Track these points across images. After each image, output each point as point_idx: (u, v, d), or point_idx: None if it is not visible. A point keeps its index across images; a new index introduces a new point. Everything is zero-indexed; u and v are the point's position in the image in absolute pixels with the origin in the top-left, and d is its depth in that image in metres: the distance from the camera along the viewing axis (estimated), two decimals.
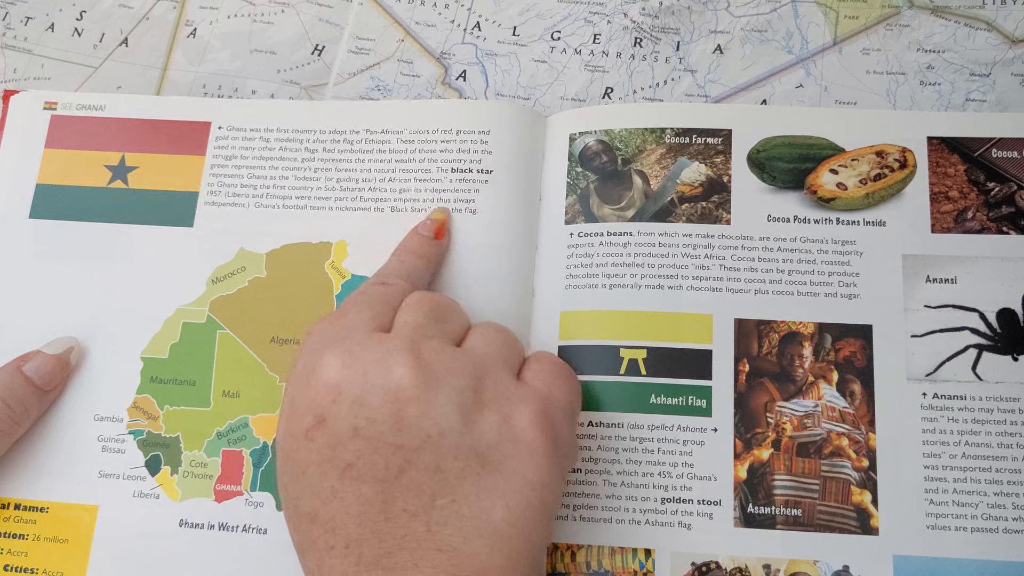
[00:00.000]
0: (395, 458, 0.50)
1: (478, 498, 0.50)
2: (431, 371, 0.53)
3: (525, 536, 0.51)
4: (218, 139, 0.70)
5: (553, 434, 0.54)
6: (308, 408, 0.52)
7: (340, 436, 0.51)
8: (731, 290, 0.64)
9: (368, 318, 0.56)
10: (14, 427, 0.61)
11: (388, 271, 0.62)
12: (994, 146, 0.66)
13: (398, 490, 0.50)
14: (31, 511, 0.62)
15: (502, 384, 0.54)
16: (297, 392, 0.54)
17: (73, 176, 0.69)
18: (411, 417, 0.51)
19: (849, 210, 0.65)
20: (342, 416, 0.51)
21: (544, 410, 0.54)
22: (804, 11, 0.74)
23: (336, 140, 0.69)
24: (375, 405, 0.51)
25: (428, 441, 0.51)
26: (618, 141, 0.68)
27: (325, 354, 0.53)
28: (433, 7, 0.77)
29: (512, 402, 0.54)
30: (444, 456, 0.51)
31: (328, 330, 0.56)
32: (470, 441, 0.51)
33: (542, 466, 0.52)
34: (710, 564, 0.60)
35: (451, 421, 0.51)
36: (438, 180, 0.67)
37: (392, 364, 0.52)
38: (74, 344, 0.65)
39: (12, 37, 0.78)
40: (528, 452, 0.52)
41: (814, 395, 0.62)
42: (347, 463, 0.50)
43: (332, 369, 0.53)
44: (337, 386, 0.52)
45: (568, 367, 0.59)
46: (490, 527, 0.50)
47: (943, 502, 0.59)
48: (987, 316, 0.62)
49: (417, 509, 0.50)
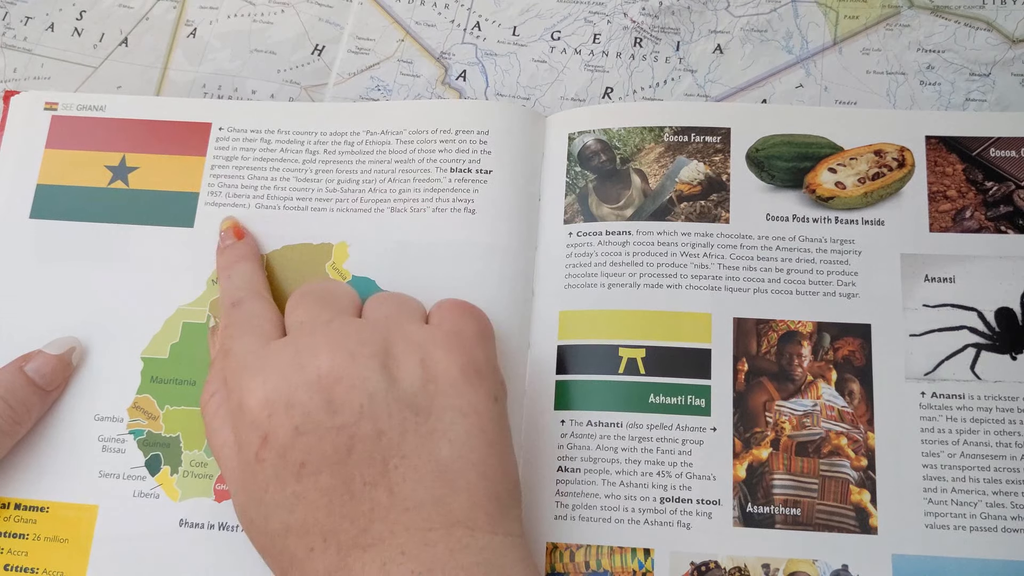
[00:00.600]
0: (340, 438, 0.52)
1: (423, 445, 0.52)
2: (342, 347, 0.54)
3: (477, 468, 0.53)
4: (219, 140, 0.70)
5: (469, 362, 0.55)
6: (249, 434, 0.53)
7: (285, 442, 0.52)
8: (730, 289, 0.64)
9: (252, 339, 0.57)
10: (16, 427, 0.61)
11: (228, 293, 0.63)
12: (992, 145, 0.66)
13: (353, 467, 0.51)
14: (31, 511, 0.62)
15: (409, 334, 0.56)
16: (235, 427, 0.55)
17: (74, 176, 0.69)
18: (340, 395, 0.52)
19: (848, 209, 0.65)
20: (280, 424, 0.52)
21: (455, 344, 0.56)
22: (804, 11, 0.74)
23: (336, 141, 0.69)
24: (305, 399, 0.52)
25: (362, 410, 0.52)
26: (617, 140, 0.68)
27: (242, 382, 0.54)
28: (433, 7, 0.77)
29: (424, 346, 0.55)
30: (381, 418, 0.52)
31: (227, 368, 0.57)
32: (398, 395, 0.53)
33: (467, 393, 0.54)
34: (709, 564, 0.60)
35: (376, 383, 0.53)
36: (437, 180, 0.67)
37: (304, 358, 0.54)
38: (75, 344, 0.65)
39: (12, 37, 0.78)
40: (450, 384, 0.54)
41: (813, 394, 0.62)
42: (299, 463, 0.52)
43: (254, 391, 0.53)
44: (266, 401, 0.53)
45: (470, 304, 0.61)
46: (442, 467, 0.52)
47: (942, 501, 0.59)
48: (985, 315, 0.62)
49: (375, 477, 0.51)
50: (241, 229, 0.66)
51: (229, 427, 0.56)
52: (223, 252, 0.66)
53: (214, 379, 0.59)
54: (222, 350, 0.58)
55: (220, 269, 0.65)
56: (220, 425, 0.57)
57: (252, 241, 0.66)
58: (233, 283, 0.63)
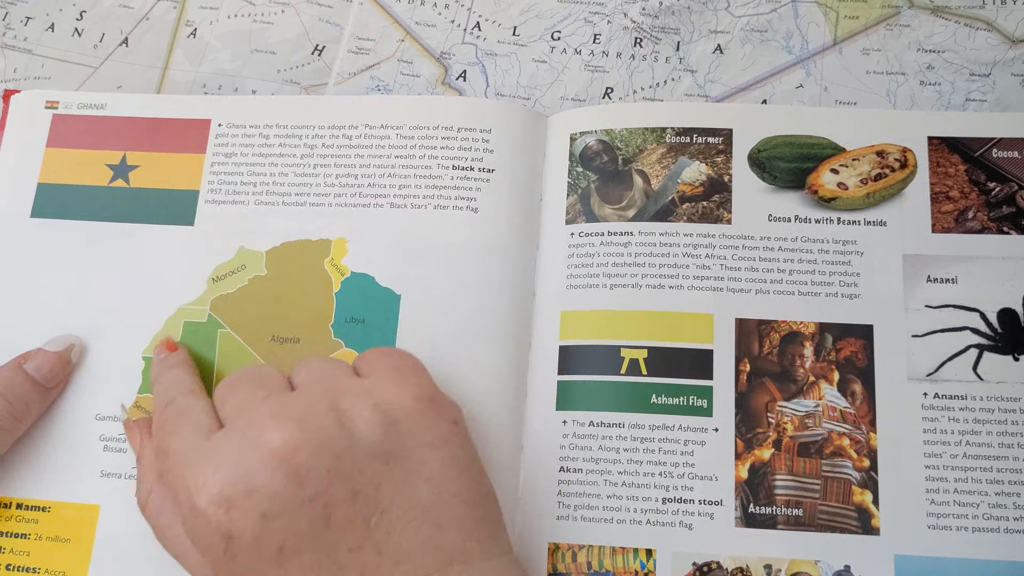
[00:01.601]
0: (314, 510, 0.50)
1: (401, 493, 0.51)
2: (289, 418, 0.52)
3: (459, 497, 0.52)
4: (218, 136, 0.70)
5: (421, 391, 0.55)
6: (209, 535, 0.50)
7: (254, 533, 0.49)
8: (732, 290, 0.64)
9: (191, 433, 0.55)
10: (16, 424, 0.61)
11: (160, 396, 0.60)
12: (994, 146, 0.66)
13: (334, 536, 0.50)
14: (33, 511, 0.62)
15: (351, 386, 0.55)
16: (189, 531, 0.52)
17: (74, 175, 0.69)
18: (303, 463, 0.50)
19: (850, 210, 0.65)
20: (244, 516, 0.49)
21: (399, 378, 0.55)
22: (804, 11, 0.74)
23: (335, 136, 0.69)
24: (266, 480, 0.50)
25: (331, 473, 0.50)
26: (619, 141, 0.68)
27: (188, 482, 0.51)
28: (433, 7, 0.77)
29: (370, 392, 0.54)
30: (352, 476, 0.50)
31: (166, 467, 0.54)
32: (364, 448, 0.51)
33: (431, 425, 0.53)
34: (711, 564, 0.60)
35: (337, 442, 0.51)
36: (439, 177, 0.67)
37: (251, 439, 0.51)
38: (75, 342, 0.65)
39: (12, 37, 0.78)
40: (412, 421, 0.53)
41: (815, 395, 0.62)
42: (276, 548, 0.49)
43: (205, 487, 0.51)
44: (221, 495, 0.50)
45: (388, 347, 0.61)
46: (424, 509, 0.51)
47: (944, 502, 0.59)
48: (988, 316, 0.62)
49: (360, 541, 0.50)
50: (173, 343, 0.64)
51: (179, 524, 0.53)
52: (155, 365, 0.63)
53: (145, 478, 0.58)
54: (158, 450, 0.56)
55: (152, 380, 0.62)
56: (168, 524, 0.55)
57: (183, 352, 0.64)
58: (164, 387, 0.61)
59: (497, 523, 0.54)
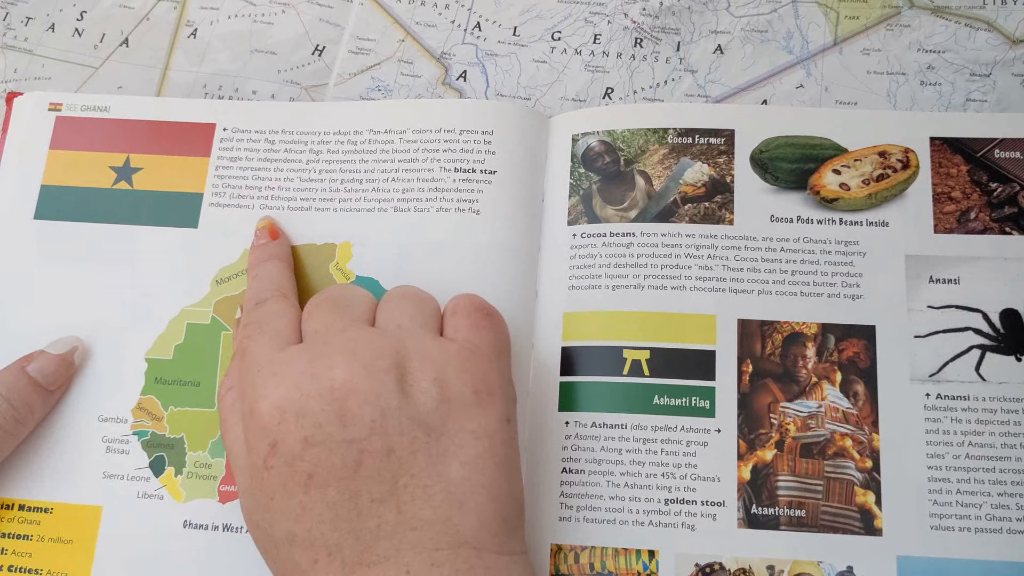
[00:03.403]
0: (349, 452, 0.51)
1: (434, 465, 0.52)
2: (357, 360, 0.53)
3: (487, 489, 0.52)
4: (223, 140, 0.70)
5: (483, 382, 0.55)
6: (258, 439, 0.53)
7: (294, 451, 0.51)
8: (734, 291, 0.64)
9: (270, 341, 0.57)
10: (19, 427, 0.61)
11: (253, 292, 0.63)
12: (997, 147, 0.66)
13: (361, 482, 0.51)
14: (35, 512, 0.62)
15: (425, 348, 0.55)
16: (245, 431, 0.55)
17: (78, 177, 0.69)
18: (352, 408, 0.52)
19: (852, 210, 0.65)
20: (290, 432, 0.52)
21: (469, 362, 0.55)
22: (804, 11, 0.74)
23: (340, 141, 0.69)
24: (317, 410, 0.52)
25: (374, 426, 0.52)
26: (620, 142, 0.68)
27: (255, 386, 0.54)
28: (433, 7, 0.77)
29: (438, 364, 0.54)
30: (392, 436, 0.52)
31: (242, 368, 0.57)
32: (410, 413, 0.52)
33: (480, 416, 0.54)
34: (714, 565, 0.60)
35: (388, 400, 0.52)
36: (441, 180, 0.67)
37: (318, 368, 0.53)
38: (78, 344, 0.65)
39: (12, 37, 0.77)
40: (462, 406, 0.54)
41: (817, 396, 0.62)
42: (308, 474, 0.51)
43: (266, 396, 0.53)
44: (278, 407, 0.52)
45: (487, 310, 0.60)
46: (451, 488, 0.51)
47: (947, 503, 0.59)
48: (990, 317, 0.62)
49: (383, 495, 0.51)
50: (276, 230, 0.66)
51: (241, 426, 0.56)
52: (254, 250, 0.66)
53: (231, 374, 0.59)
54: (240, 348, 0.58)
55: (249, 267, 0.65)
56: (234, 422, 0.57)
57: (285, 242, 0.66)
58: (259, 282, 0.63)
59: (517, 525, 0.54)
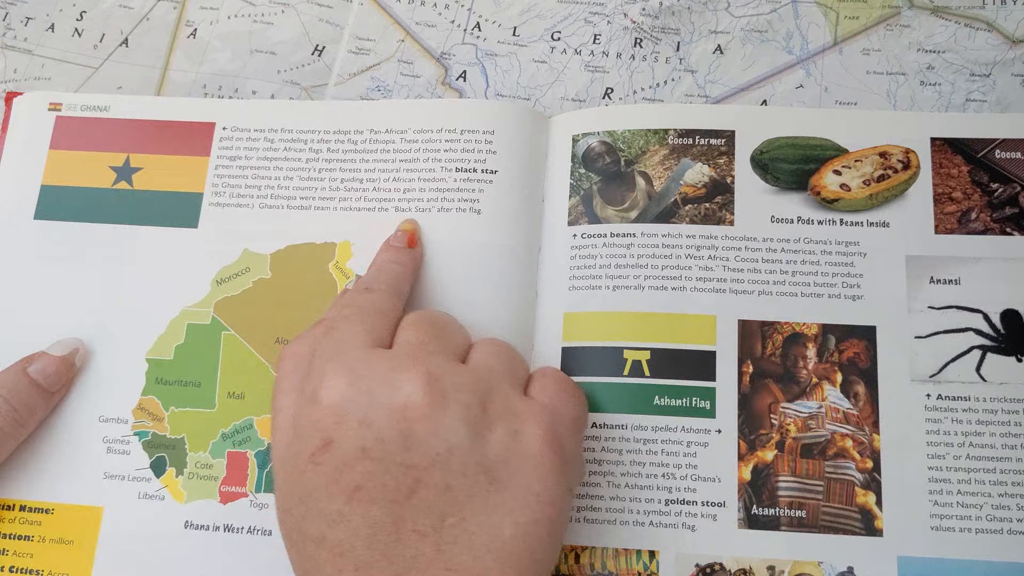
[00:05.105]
0: (405, 478, 0.49)
1: (487, 515, 0.50)
2: (438, 388, 0.52)
3: (532, 553, 0.50)
4: (222, 140, 0.70)
5: (560, 449, 0.53)
6: (313, 430, 0.51)
7: (347, 458, 0.50)
8: (735, 291, 0.64)
9: (362, 332, 0.55)
10: (19, 429, 0.61)
11: (369, 278, 0.62)
12: (998, 147, 0.66)
13: (408, 510, 0.49)
14: (36, 512, 0.62)
15: (509, 399, 0.54)
16: (299, 412, 0.53)
17: (78, 177, 0.69)
18: (420, 435, 0.50)
19: (853, 211, 0.65)
20: (349, 437, 0.50)
21: (551, 425, 0.54)
22: (804, 11, 0.74)
23: (340, 140, 0.69)
24: (383, 425, 0.50)
25: (438, 459, 0.50)
26: (621, 142, 0.68)
27: (327, 372, 0.53)
28: (433, 7, 0.77)
29: (519, 417, 0.53)
30: (453, 473, 0.50)
31: (323, 343, 0.55)
32: (478, 457, 0.51)
33: (549, 482, 0.52)
34: (714, 566, 0.60)
35: (460, 437, 0.51)
36: (442, 180, 0.67)
37: (398, 382, 0.52)
38: (79, 345, 0.64)
39: (12, 37, 0.77)
40: (535, 467, 0.52)
41: (818, 396, 0.62)
42: (356, 485, 0.49)
43: (335, 389, 0.52)
44: (342, 406, 0.51)
45: (573, 382, 0.59)
46: (498, 544, 0.49)
47: (947, 503, 0.60)
48: (991, 317, 0.62)
49: (427, 529, 0.49)
50: (416, 239, 0.65)
51: (295, 399, 0.55)
52: (388, 248, 0.64)
53: (307, 340, 0.57)
54: (329, 323, 0.57)
55: (376, 259, 0.64)
56: (288, 389, 0.55)
57: (417, 256, 0.65)
58: (379, 273, 0.62)
59: None
